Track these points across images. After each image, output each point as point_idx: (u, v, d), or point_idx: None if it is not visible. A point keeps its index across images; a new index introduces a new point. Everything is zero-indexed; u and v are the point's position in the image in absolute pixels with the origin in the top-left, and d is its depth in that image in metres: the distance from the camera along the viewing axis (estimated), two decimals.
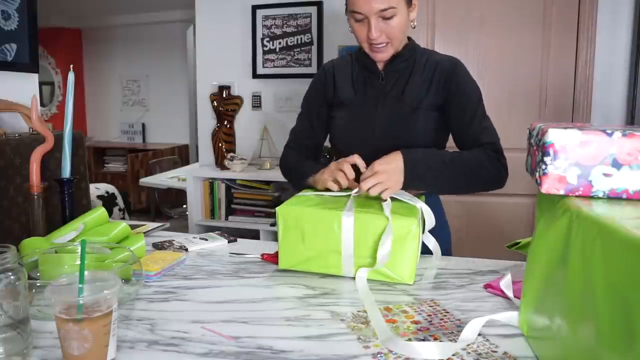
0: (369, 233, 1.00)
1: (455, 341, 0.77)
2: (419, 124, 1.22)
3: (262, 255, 1.18)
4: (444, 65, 1.24)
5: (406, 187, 1.09)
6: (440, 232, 1.32)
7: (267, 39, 3.05)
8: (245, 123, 3.19)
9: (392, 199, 1.09)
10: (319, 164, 1.30)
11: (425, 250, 1.21)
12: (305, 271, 1.07)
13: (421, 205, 1.09)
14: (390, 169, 1.07)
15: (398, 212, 1.02)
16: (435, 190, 1.22)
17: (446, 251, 1.29)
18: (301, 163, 1.33)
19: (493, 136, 1.21)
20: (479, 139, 1.20)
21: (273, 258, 1.15)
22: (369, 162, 1.14)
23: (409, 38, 1.27)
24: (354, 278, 1.03)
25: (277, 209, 1.07)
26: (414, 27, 1.24)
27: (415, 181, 1.09)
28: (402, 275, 1.01)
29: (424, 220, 1.11)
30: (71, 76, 1.19)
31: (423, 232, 1.12)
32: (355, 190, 1.11)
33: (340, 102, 1.31)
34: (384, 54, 1.20)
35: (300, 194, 1.19)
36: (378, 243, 1.00)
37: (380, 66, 1.26)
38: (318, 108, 1.35)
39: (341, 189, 1.14)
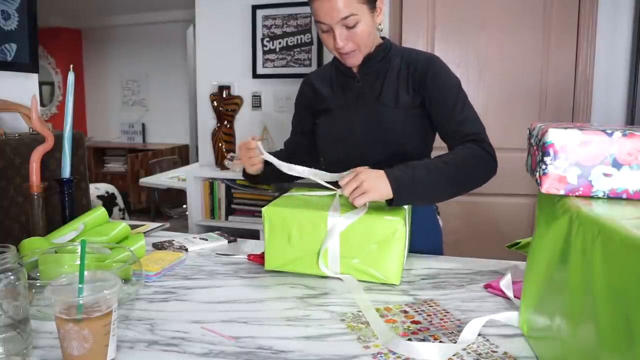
0: (355, 233, 1.01)
1: (455, 341, 0.77)
2: (398, 124, 1.21)
3: (249, 255, 1.18)
4: (419, 64, 1.22)
5: (397, 201, 1.03)
6: (432, 232, 1.32)
7: (267, 39, 3.05)
8: (245, 123, 3.19)
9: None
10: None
11: (419, 250, 1.21)
12: (291, 272, 1.07)
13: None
14: (372, 176, 1.02)
15: (383, 211, 1.02)
16: (428, 201, 1.13)
17: (437, 252, 1.30)
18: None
19: (476, 125, 1.16)
20: (461, 130, 1.16)
21: (259, 259, 1.15)
22: (354, 163, 1.13)
23: (383, 38, 1.27)
24: (340, 279, 1.03)
25: (263, 209, 1.07)
26: (381, 30, 1.25)
27: (403, 194, 1.03)
28: (388, 275, 1.01)
29: (411, 221, 1.11)
30: (71, 76, 1.19)
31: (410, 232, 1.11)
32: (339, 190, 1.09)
33: (321, 110, 1.32)
34: (353, 59, 1.20)
35: (287, 194, 1.18)
36: (364, 243, 1.00)
37: (355, 69, 1.26)
38: (303, 121, 1.39)
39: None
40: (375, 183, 1.01)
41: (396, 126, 1.22)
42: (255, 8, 3.04)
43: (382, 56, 1.24)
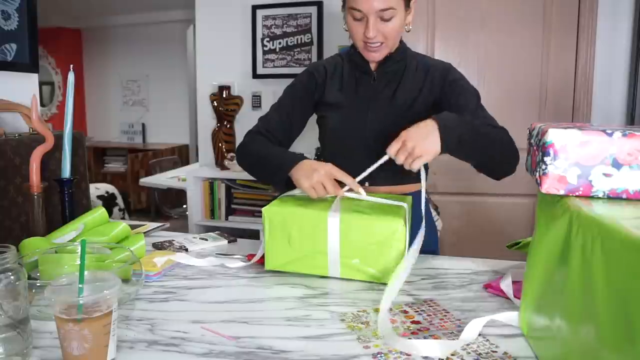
0: (355, 233, 1.01)
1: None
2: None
3: (249, 255, 1.18)
4: (437, 68, 1.23)
5: (444, 152, 1.03)
6: (426, 233, 1.31)
7: (267, 39, 3.05)
8: (245, 123, 3.18)
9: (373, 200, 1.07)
10: (299, 154, 1.17)
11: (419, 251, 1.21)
12: (291, 272, 1.07)
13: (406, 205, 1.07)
14: (420, 136, 1.00)
15: (384, 212, 1.02)
16: (469, 158, 1.11)
17: (433, 252, 1.29)
18: (279, 149, 1.22)
19: (499, 125, 1.18)
20: (491, 124, 1.17)
21: (259, 259, 1.14)
22: (361, 161, 1.11)
23: (400, 41, 1.26)
24: (342, 279, 1.04)
25: (263, 209, 1.06)
26: (409, 31, 1.23)
27: (452, 148, 1.03)
28: (389, 275, 1.01)
29: (411, 221, 1.11)
30: (71, 76, 1.18)
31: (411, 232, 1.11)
32: (346, 189, 1.09)
33: (328, 103, 1.28)
34: (377, 53, 1.19)
35: (288, 194, 1.17)
36: (364, 243, 1.00)
37: (372, 67, 1.25)
38: (301, 105, 1.30)
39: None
40: (425, 145, 1.00)
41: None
42: (255, 8, 3.04)
43: (399, 57, 1.24)
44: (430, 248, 1.30)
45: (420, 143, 1.00)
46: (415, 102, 1.21)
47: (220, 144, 3.11)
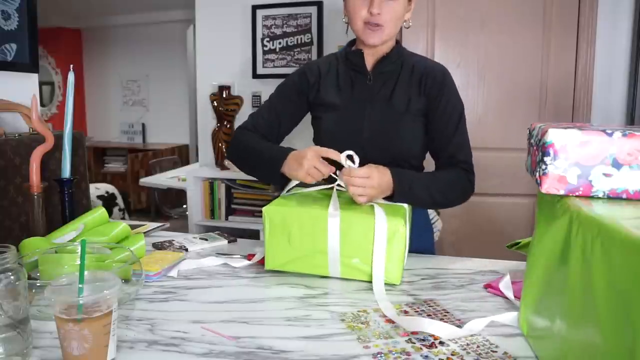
0: (355, 233, 1.01)
1: (456, 341, 0.78)
2: (407, 129, 1.21)
3: (249, 255, 1.18)
4: (434, 74, 1.22)
5: (390, 200, 1.11)
6: (423, 233, 1.32)
7: (267, 39, 3.05)
8: None
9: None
10: (286, 148, 1.19)
11: (415, 250, 1.21)
12: (292, 272, 1.07)
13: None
14: (382, 183, 1.07)
15: (384, 212, 1.02)
16: (411, 204, 1.17)
17: (429, 252, 1.29)
18: (268, 146, 1.22)
19: (468, 154, 1.23)
20: (455, 155, 1.21)
21: (260, 259, 1.14)
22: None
23: (396, 41, 1.26)
24: (342, 279, 1.04)
25: (263, 209, 1.06)
26: (408, 27, 1.24)
27: (398, 198, 1.10)
28: (389, 275, 1.01)
29: (411, 221, 1.11)
30: (71, 76, 1.18)
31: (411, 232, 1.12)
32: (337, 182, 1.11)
33: (323, 104, 1.27)
34: (376, 36, 1.17)
35: (288, 193, 1.17)
36: (364, 242, 1.00)
37: (368, 67, 1.24)
38: (291, 104, 1.30)
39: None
40: (374, 185, 1.05)
41: (405, 132, 1.21)
42: (255, 8, 3.04)
43: (396, 58, 1.23)
44: (426, 247, 1.30)
45: (375, 184, 1.06)
46: (411, 104, 1.21)
47: (220, 144, 3.11)
